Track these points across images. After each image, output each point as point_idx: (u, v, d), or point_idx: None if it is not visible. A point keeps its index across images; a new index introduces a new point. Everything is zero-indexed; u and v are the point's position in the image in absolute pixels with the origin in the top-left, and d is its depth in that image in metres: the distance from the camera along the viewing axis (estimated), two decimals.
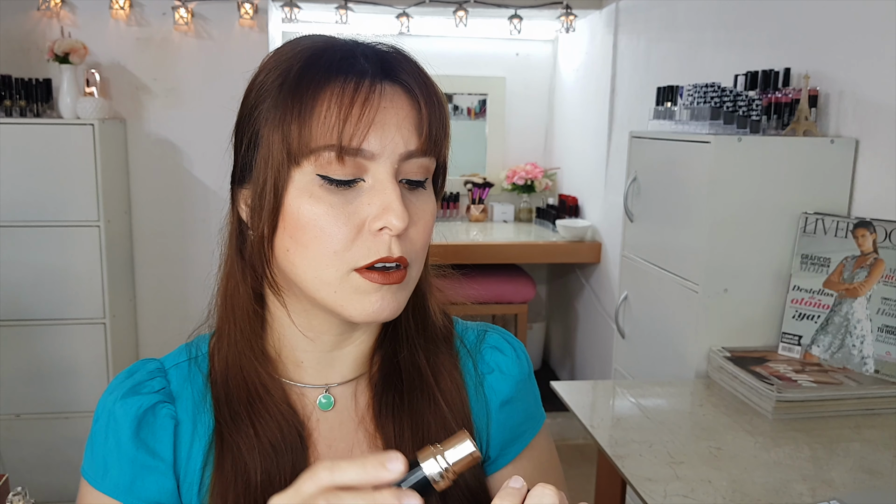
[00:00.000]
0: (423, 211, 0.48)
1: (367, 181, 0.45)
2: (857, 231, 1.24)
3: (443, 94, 0.49)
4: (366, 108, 0.44)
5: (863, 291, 1.22)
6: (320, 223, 0.45)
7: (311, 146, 0.44)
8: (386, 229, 0.45)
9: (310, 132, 0.44)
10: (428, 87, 0.48)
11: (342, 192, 0.45)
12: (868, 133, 1.28)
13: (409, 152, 0.46)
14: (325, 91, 0.44)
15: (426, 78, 0.49)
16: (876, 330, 1.20)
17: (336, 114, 0.44)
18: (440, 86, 0.50)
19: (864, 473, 0.95)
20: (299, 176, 0.45)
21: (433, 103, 0.47)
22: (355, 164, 0.45)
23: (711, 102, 1.36)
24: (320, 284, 0.46)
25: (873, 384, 1.16)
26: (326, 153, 0.44)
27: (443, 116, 0.48)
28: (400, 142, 0.45)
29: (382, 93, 0.45)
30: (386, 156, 0.45)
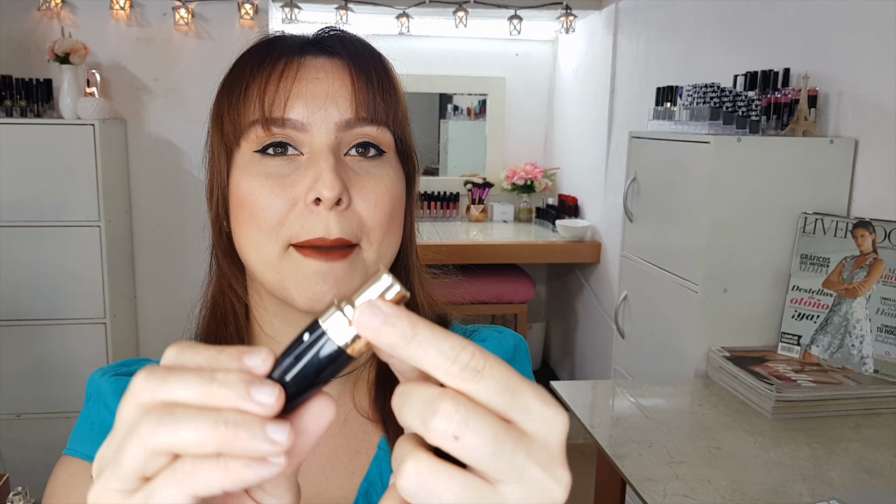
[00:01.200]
0: (375, 184, 0.46)
1: (304, 154, 0.46)
2: (856, 231, 1.24)
3: (390, 66, 0.50)
4: (285, 78, 0.45)
5: (862, 291, 1.22)
6: (254, 196, 0.45)
7: (241, 126, 0.46)
8: (321, 202, 0.44)
9: (238, 115, 0.46)
10: (365, 57, 0.48)
11: (278, 165, 0.45)
12: (867, 133, 1.28)
13: (347, 121, 0.46)
14: (252, 75, 0.46)
15: (365, 49, 0.49)
16: (875, 330, 1.20)
17: (258, 89, 0.46)
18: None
19: (863, 473, 0.95)
20: (239, 157, 0.47)
21: (370, 72, 0.47)
22: (286, 135, 0.45)
23: (711, 103, 1.36)
24: (264, 265, 0.46)
25: (872, 384, 1.16)
26: (255, 129, 0.46)
27: (386, 85, 0.48)
28: (334, 111, 0.45)
29: (312, 66, 0.46)
30: (318, 125, 0.45)
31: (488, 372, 0.23)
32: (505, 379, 0.23)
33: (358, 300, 0.24)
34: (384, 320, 0.23)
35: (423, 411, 0.22)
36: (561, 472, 0.23)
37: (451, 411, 0.22)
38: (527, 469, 0.22)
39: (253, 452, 0.22)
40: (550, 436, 0.23)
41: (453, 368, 0.22)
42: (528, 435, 0.23)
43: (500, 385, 0.22)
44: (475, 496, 0.22)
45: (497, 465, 0.22)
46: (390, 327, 0.23)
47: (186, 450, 0.22)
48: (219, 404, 0.23)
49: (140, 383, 0.23)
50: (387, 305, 0.23)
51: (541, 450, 0.23)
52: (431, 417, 0.22)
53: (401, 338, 0.23)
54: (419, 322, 0.23)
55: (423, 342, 0.23)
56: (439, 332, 0.23)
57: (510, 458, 0.22)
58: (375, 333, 0.23)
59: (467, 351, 0.23)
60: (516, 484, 0.22)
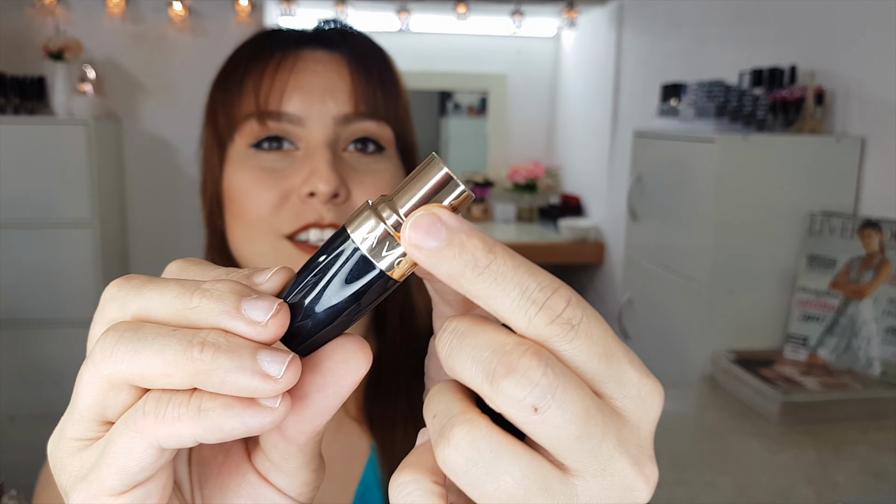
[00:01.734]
0: (375, 180, 0.45)
1: (300, 149, 0.44)
2: (862, 232, 1.23)
3: (391, 60, 0.48)
4: (282, 71, 0.44)
5: (869, 292, 1.21)
6: (246, 188, 0.44)
7: (236, 119, 0.45)
8: (315, 196, 0.42)
9: (232, 108, 0.45)
10: (365, 51, 0.47)
11: (273, 159, 0.44)
12: (875, 131, 1.26)
13: (346, 115, 0.44)
14: (247, 67, 0.45)
15: (366, 43, 0.48)
16: (882, 332, 1.18)
17: (253, 81, 0.44)
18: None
19: (869, 477, 0.94)
20: (233, 152, 0.46)
21: (370, 65, 0.46)
22: (282, 129, 0.44)
23: (717, 100, 1.35)
24: (257, 259, 0.45)
25: (879, 386, 1.14)
26: (250, 123, 0.44)
27: (386, 79, 0.46)
28: (332, 104, 0.44)
29: (310, 59, 0.45)
30: (315, 119, 0.44)
31: (585, 328, 0.17)
32: (604, 341, 0.17)
33: (405, 204, 0.17)
34: (448, 239, 0.17)
35: (491, 364, 0.16)
36: (650, 467, 0.17)
37: (536, 373, 0.16)
38: (613, 461, 0.17)
39: (237, 388, 0.16)
40: (645, 419, 0.17)
41: (539, 318, 0.16)
42: (619, 415, 0.17)
43: (598, 349, 0.17)
44: (540, 486, 0.16)
45: (579, 452, 0.16)
46: (456, 250, 0.16)
47: (150, 381, 0.17)
48: (198, 320, 0.17)
49: (111, 292, 0.18)
50: (450, 216, 0.17)
51: (632, 436, 0.17)
52: (505, 376, 0.16)
53: (469, 266, 0.16)
54: (496, 245, 0.17)
55: (500, 275, 0.16)
56: (522, 262, 0.17)
57: (597, 446, 0.16)
58: (433, 258, 0.17)
59: (561, 296, 0.17)
60: (595, 478, 0.17)
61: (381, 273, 0.18)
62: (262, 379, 0.16)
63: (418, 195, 0.17)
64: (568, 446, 0.16)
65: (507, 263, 0.16)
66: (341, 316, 0.18)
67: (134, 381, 0.17)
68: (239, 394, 0.17)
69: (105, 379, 0.17)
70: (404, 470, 0.18)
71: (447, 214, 0.17)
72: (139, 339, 0.17)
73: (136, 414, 0.17)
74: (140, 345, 0.17)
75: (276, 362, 0.16)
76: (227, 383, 0.16)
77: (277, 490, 0.20)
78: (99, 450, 0.18)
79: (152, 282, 0.18)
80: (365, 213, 0.18)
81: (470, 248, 0.17)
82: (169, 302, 0.18)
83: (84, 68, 2.19)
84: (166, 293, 0.18)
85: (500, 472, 0.16)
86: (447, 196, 0.17)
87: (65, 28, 2.22)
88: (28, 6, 2.22)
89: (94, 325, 0.19)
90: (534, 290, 0.16)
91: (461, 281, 0.17)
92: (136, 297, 0.18)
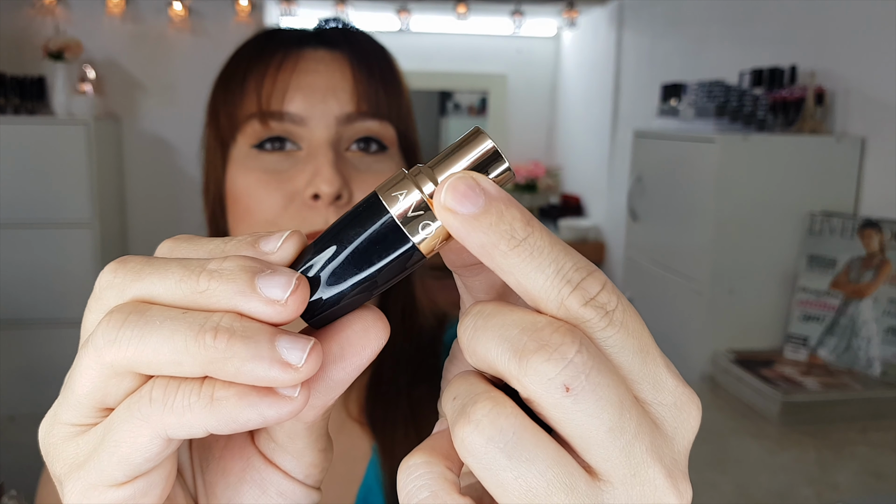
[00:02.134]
0: (377, 180, 0.44)
1: (303, 149, 0.44)
2: (862, 232, 1.23)
3: (393, 59, 0.48)
4: (284, 71, 0.44)
5: (869, 292, 1.20)
6: (250, 191, 0.44)
7: (238, 120, 0.44)
8: (319, 198, 0.42)
9: (234, 108, 0.45)
10: (367, 50, 0.47)
11: (276, 159, 0.44)
12: (875, 131, 1.26)
13: (348, 115, 0.44)
14: (248, 68, 0.45)
15: (367, 42, 0.48)
16: (882, 332, 1.18)
17: (255, 81, 0.44)
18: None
19: (870, 477, 0.94)
20: (235, 152, 0.45)
21: (372, 64, 0.46)
22: (284, 129, 0.44)
23: (717, 100, 1.35)
24: None
25: (880, 387, 1.14)
26: (252, 124, 0.44)
27: (388, 78, 0.46)
28: (334, 104, 0.44)
29: (312, 58, 0.45)
30: (318, 119, 0.44)
31: (620, 317, 0.15)
32: (640, 334, 0.16)
33: (445, 173, 0.16)
34: (486, 206, 0.15)
35: (521, 341, 0.15)
36: (684, 484, 0.16)
37: (571, 349, 0.14)
38: (645, 467, 0.15)
39: (253, 378, 0.15)
40: (680, 431, 0.16)
41: (573, 299, 0.15)
42: (654, 422, 0.16)
43: (634, 341, 0.15)
44: (565, 484, 0.15)
45: (610, 448, 0.15)
46: (493, 218, 0.15)
47: (158, 368, 0.15)
48: (208, 303, 0.15)
49: (107, 278, 0.17)
50: (490, 183, 0.16)
51: (666, 446, 0.16)
52: (536, 351, 0.14)
53: (506, 237, 0.15)
54: (534, 220, 0.16)
55: (536, 250, 0.15)
56: (558, 241, 0.16)
57: (629, 444, 0.15)
58: (467, 224, 0.15)
59: (597, 279, 0.15)
60: (625, 485, 0.15)
61: (413, 246, 0.16)
62: (282, 368, 0.15)
63: (459, 166, 0.16)
64: (599, 440, 0.15)
65: (544, 239, 0.15)
66: (360, 289, 0.16)
67: (140, 368, 0.16)
68: (256, 383, 0.15)
69: (107, 366, 0.16)
70: (416, 453, 0.16)
71: (487, 181, 0.16)
72: (146, 324, 0.15)
73: (141, 401, 0.16)
74: (147, 329, 0.15)
75: (297, 349, 0.15)
76: (242, 372, 0.15)
77: (283, 473, 0.19)
78: (97, 436, 0.16)
79: (151, 264, 0.16)
80: (401, 181, 0.16)
81: (508, 217, 0.15)
82: (173, 286, 0.16)
83: (84, 68, 2.19)
84: (169, 276, 0.16)
85: (522, 460, 0.15)
86: (490, 172, 0.16)
87: (65, 28, 2.22)
88: (28, 6, 2.22)
89: (89, 312, 0.17)
90: (569, 269, 0.15)
91: (494, 253, 0.15)
92: (136, 281, 0.16)
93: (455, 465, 0.16)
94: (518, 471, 0.15)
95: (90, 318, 0.17)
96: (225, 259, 0.16)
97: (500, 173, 0.16)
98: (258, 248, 0.17)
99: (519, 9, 2.50)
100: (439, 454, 0.16)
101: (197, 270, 0.16)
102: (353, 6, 2.44)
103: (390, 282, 0.17)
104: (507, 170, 0.16)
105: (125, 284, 0.16)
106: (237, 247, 0.17)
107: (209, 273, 0.16)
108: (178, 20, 2.27)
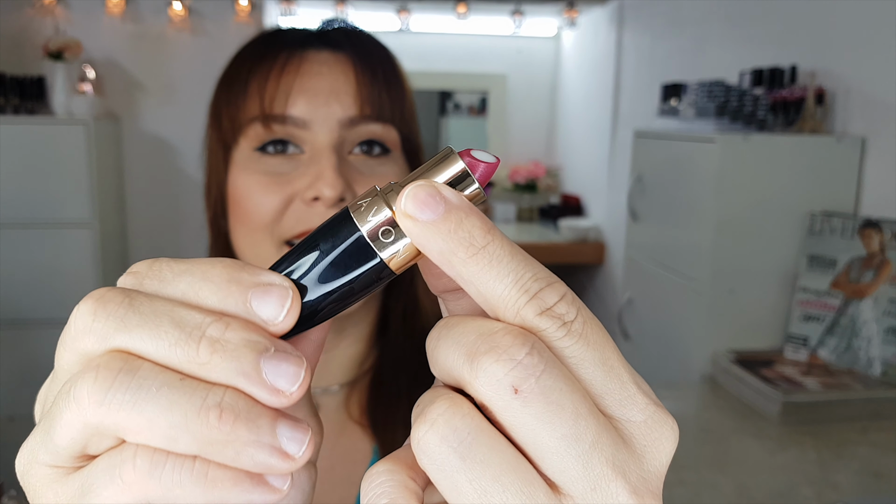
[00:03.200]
0: (380, 182, 0.44)
1: (305, 152, 0.44)
2: (862, 232, 1.23)
3: (396, 60, 0.48)
4: (287, 73, 0.44)
5: (869, 292, 1.20)
6: (251, 193, 0.44)
7: (240, 122, 0.44)
8: (320, 200, 0.42)
9: (237, 111, 0.45)
10: (370, 52, 0.46)
11: (278, 162, 0.44)
12: (875, 131, 1.26)
13: (351, 118, 0.44)
14: (251, 69, 0.45)
15: (370, 43, 0.47)
16: (882, 332, 1.18)
17: (258, 84, 0.44)
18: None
19: (870, 477, 0.94)
20: (237, 155, 0.45)
21: (375, 66, 0.46)
22: (287, 132, 0.44)
23: (717, 100, 1.35)
24: (261, 264, 0.44)
25: (880, 387, 1.14)
26: (254, 126, 0.44)
27: (392, 81, 0.46)
28: (337, 108, 0.44)
29: (315, 60, 0.45)
30: (321, 122, 0.43)
31: (579, 328, 0.15)
32: (601, 346, 0.15)
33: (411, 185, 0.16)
34: (445, 213, 0.15)
35: (474, 345, 0.15)
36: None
37: (520, 351, 0.14)
38: (605, 481, 0.14)
39: (251, 464, 0.14)
40: (650, 450, 0.15)
41: (529, 308, 0.15)
42: (621, 437, 0.15)
43: (594, 353, 0.15)
44: (522, 492, 0.14)
45: (566, 456, 0.14)
46: (452, 225, 0.15)
47: (148, 439, 0.14)
48: (207, 377, 0.15)
49: (85, 322, 0.15)
50: (451, 191, 0.16)
51: (633, 462, 0.15)
52: (485, 353, 0.14)
53: (464, 244, 0.15)
54: (495, 229, 0.16)
55: (495, 259, 0.15)
56: (519, 251, 0.16)
57: (586, 456, 0.14)
58: (426, 231, 0.15)
59: (555, 290, 0.15)
60: (585, 499, 0.14)
61: (381, 262, 0.16)
62: (280, 457, 0.15)
63: (425, 178, 0.17)
64: (552, 447, 0.14)
65: (504, 248, 0.15)
66: (327, 307, 0.17)
67: (127, 436, 0.15)
68: (251, 469, 0.15)
69: (92, 427, 0.15)
70: (380, 462, 0.16)
71: (448, 189, 0.16)
72: (139, 388, 0.14)
73: (124, 466, 0.15)
74: (141, 395, 0.14)
75: (296, 440, 0.15)
76: (241, 457, 0.14)
77: None
78: (77, 485, 0.16)
79: (137, 311, 0.15)
80: (372, 198, 0.16)
81: (468, 225, 0.15)
82: (167, 349, 0.15)
83: (84, 68, 2.19)
84: (162, 336, 0.15)
85: (476, 461, 0.14)
86: (460, 188, 0.17)
87: (64, 28, 2.21)
88: (28, 6, 2.21)
89: (64, 349, 0.16)
90: (528, 279, 0.15)
91: (453, 260, 0.15)
92: (120, 331, 0.15)
93: (419, 477, 0.16)
94: (472, 473, 0.14)
95: (66, 358, 0.16)
96: (227, 327, 0.15)
97: (469, 194, 0.17)
98: (249, 307, 0.15)
99: (519, 8, 2.50)
100: (403, 464, 0.16)
101: (195, 336, 0.15)
102: (353, 6, 2.44)
103: (361, 296, 0.17)
104: (478, 189, 0.17)
105: (107, 333, 0.15)
106: (225, 294, 0.15)
107: (210, 343, 0.15)
108: (178, 20, 2.27)
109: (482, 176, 0.17)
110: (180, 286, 0.16)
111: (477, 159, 0.17)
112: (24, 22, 2.23)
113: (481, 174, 0.17)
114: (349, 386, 0.51)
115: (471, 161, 0.17)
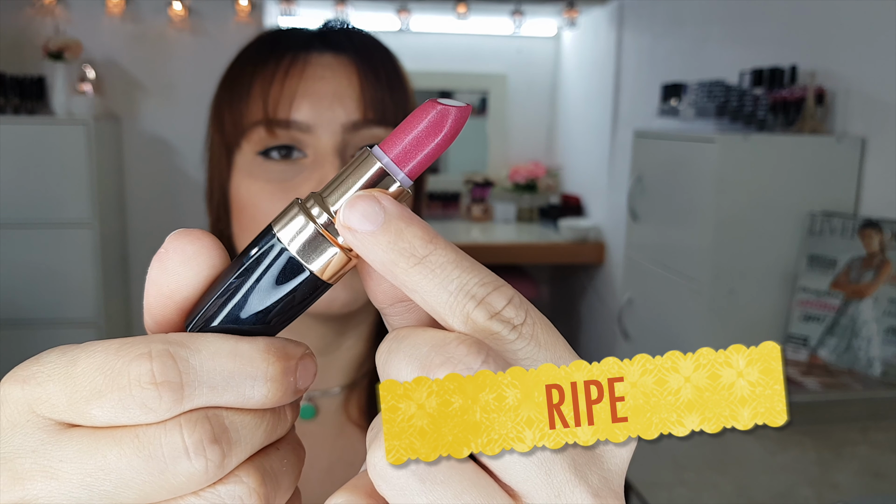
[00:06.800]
0: None
1: (308, 156, 0.44)
2: (863, 232, 1.23)
3: (399, 62, 0.48)
4: (290, 78, 0.43)
5: (869, 292, 1.20)
6: (255, 200, 0.44)
7: (243, 126, 0.44)
8: None
9: (240, 114, 0.44)
10: (373, 54, 0.46)
11: (281, 168, 0.44)
12: (875, 131, 1.26)
13: (355, 123, 0.44)
14: (254, 72, 0.44)
15: (373, 45, 0.47)
16: (883, 332, 1.18)
17: (261, 87, 0.44)
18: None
19: (870, 477, 0.94)
20: (240, 159, 0.45)
21: (378, 69, 0.45)
22: (290, 137, 0.44)
23: (717, 100, 1.35)
24: None
25: (880, 387, 1.14)
26: (258, 130, 0.44)
27: (395, 83, 0.46)
28: (341, 112, 0.44)
29: (318, 63, 0.44)
30: (324, 126, 0.43)
31: (530, 330, 0.15)
32: (553, 347, 0.15)
33: (336, 201, 0.16)
34: (385, 224, 0.15)
35: (427, 357, 0.14)
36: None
37: (476, 360, 0.14)
38: (570, 488, 0.14)
39: None
40: (609, 447, 0.15)
41: (478, 313, 0.15)
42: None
43: (546, 354, 0.15)
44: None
45: (527, 467, 0.14)
46: (392, 236, 0.15)
47: None
48: None
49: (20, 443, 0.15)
50: (391, 202, 0.16)
51: (592, 464, 0.15)
52: (441, 365, 0.14)
53: (405, 254, 0.15)
54: (438, 237, 0.16)
55: (438, 268, 0.15)
56: (464, 257, 0.16)
57: (548, 463, 0.14)
58: (366, 242, 0.15)
59: (502, 293, 0.15)
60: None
61: (312, 275, 0.16)
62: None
63: (351, 191, 0.16)
64: (514, 457, 0.14)
65: (446, 256, 0.15)
66: (268, 319, 0.17)
67: None
68: None
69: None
70: (338, 493, 0.16)
71: (388, 200, 0.16)
72: None
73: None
74: None
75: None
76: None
77: None
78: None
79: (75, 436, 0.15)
80: (294, 211, 0.16)
81: (408, 235, 0.15)
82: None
83: (84, 68, 2.19)
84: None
85: (436, 482, 0.14)
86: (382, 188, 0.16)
87: (64, 28, 2.21)
88: (28, 6, 2.21)
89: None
90: (474, 284, 0.15)
91: (395, 270, 0.15)
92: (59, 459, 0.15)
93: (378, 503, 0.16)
94: (433, 495, 0.14)
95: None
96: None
97: (393, 192, 0.16)
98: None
99: (519, 8, 2.50)
100: (362, 492, 0.16)
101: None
102: (353, 6, 2.44)
103: (307, 305, 0.17)
104: (400, 188, 0.16)
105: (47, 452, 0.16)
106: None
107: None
108: (178, 20, 2.27)
109: (455, 121, 0.17)
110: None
111: (447, 105, 0.17)
112: (24, 22, 2.23)
113: (454, 119, 0.16)
114: (349, 388, 0.51)
115: (443, 108, 0.16)
